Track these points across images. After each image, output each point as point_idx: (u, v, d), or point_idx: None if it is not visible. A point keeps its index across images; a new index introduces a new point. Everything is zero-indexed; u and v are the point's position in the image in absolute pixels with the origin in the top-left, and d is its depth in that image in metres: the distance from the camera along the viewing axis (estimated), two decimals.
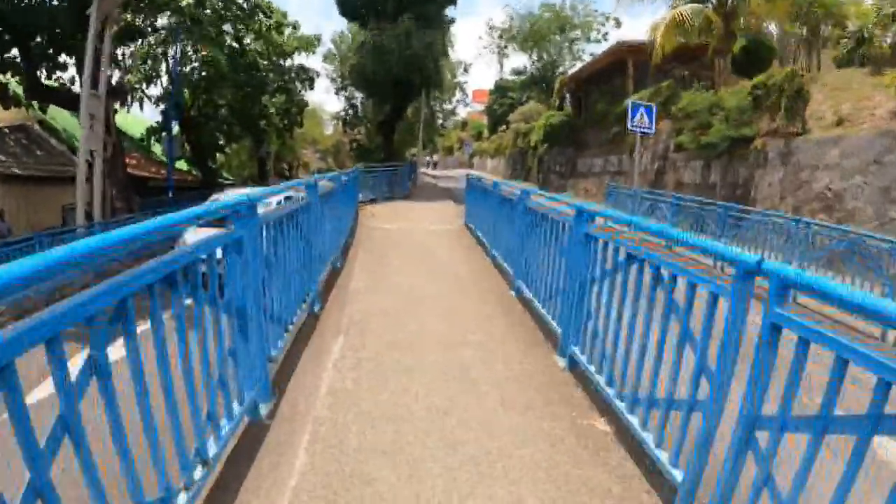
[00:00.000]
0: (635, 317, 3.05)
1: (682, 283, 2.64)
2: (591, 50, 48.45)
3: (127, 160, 24.78)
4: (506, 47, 51.82)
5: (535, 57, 49.96)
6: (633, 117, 15.48)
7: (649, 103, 16.26)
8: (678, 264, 2.65)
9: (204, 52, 23.15)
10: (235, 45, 27.07)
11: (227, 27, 26.57)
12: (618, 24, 47.13)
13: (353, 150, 39.26)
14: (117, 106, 20.82)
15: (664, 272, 2.75)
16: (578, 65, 41.32)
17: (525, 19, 48.64)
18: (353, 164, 42.18)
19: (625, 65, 22.89)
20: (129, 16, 18.91)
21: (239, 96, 28.32)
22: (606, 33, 47.62)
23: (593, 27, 47.48)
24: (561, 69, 49.79)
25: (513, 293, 6.29)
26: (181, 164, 31.57)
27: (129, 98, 24.49)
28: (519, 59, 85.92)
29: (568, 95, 27.93)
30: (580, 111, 26.94)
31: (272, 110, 32.49)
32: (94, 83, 14.72)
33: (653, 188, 18.72)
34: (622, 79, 23.38)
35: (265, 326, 3.31)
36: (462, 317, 5.37)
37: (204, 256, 2.45)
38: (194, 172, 31.97)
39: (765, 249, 9.44)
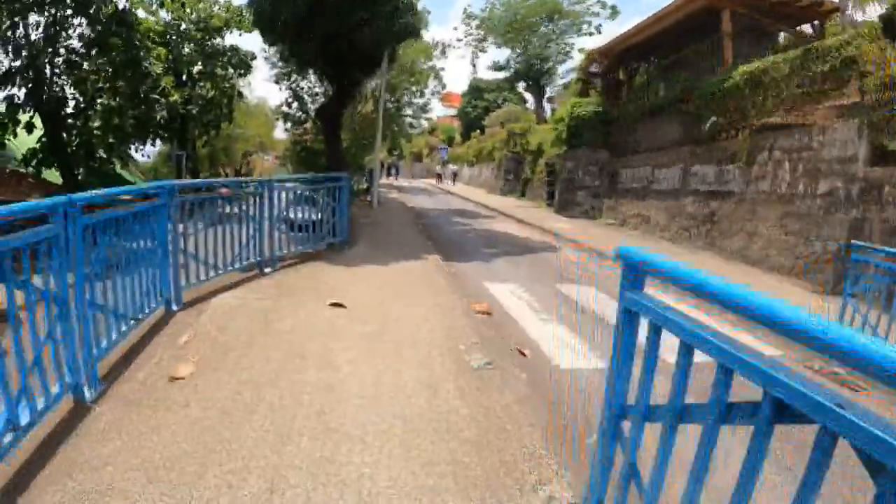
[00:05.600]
0: None
1: None
2: (582, 44, 39.97)
3: None
4: (484, 40, 42.01)
5: (518, 50, 40.48)
6: None
7: None
8: None
9: None
10: None
11: None
12: (614, 13, 38.11)
13: (298, 154, 28.79)
14: None
15: None
16: (594, 42, 30.80)
17: (508, 5, 39.10)
18: (304, 171, 31.66)
19: (713, 20, 13.26)
20: None
21: (107, 71, 17.70)
22: (600, 25, 38.65)
23: (586, 17, 38.40)
24: (549, 65, 40.67)
25: None
26: (53, 175, 20.54)
27: None
28: (496, 56, 77.00)
29: (596, 79, 18.10)
30: (618, 98, 17.17)
31: (175, 97, 21.71)
32: None
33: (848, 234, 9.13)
34: (708, 43, 13.74)
35: None
36: None
37: None
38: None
39: None
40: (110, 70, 17.57)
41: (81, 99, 19.10)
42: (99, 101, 19.16)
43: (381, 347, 4.04)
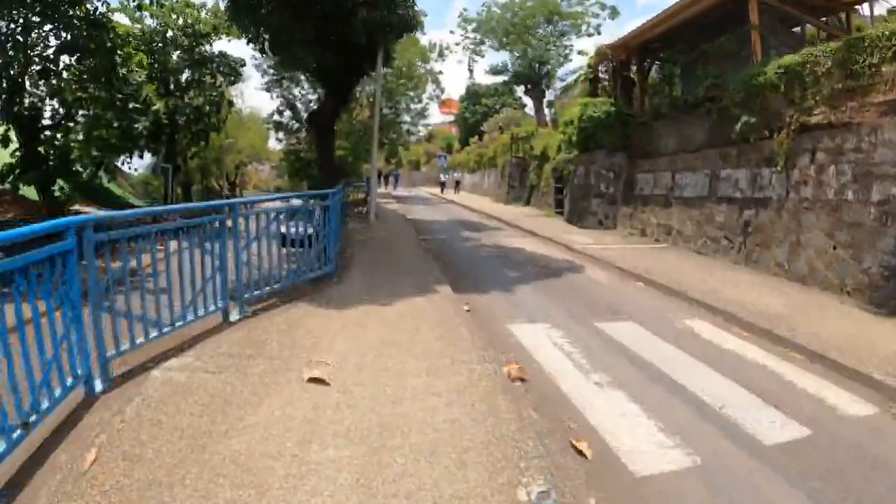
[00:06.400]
0: None
1: None
2: (581, 46, 38.84)
3: None
4: (481, 43, 40.80)
5: (517, 53, 39.27)
6: None
7: None
8: None
9: None
10: None
11: None
12: (614, 14, 37.00)
13: (292, 164, 27.59)
14: None
15: None
16: (602, 39, 27.91)
17: (506, 7, 37.96)
18: (298, 182, 30.37)
19: (737, 11, 12.13)
20: None
21: (83, 78, 16.62)
22: (599, 25, 37.48)
23: (585, 18, 37.28)
24: (549, 67, 39.53)
25: None
26: (32, 192, 19.27)
27: None
28: (493, 60, 75.96)
29: (606, 77, 16.85)
30: (631, 98, 15.98)
31: (158, 106, 20.57)
32: None
33: None
34: (733, 37, 12.62)
35: None
36: None
37: None
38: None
39: None
40: (85, 76, 16.36)
41: (61, 110, 17.90)
42: (81, 111, 18.01)
43: None
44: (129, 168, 30.16)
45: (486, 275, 9.11)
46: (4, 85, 15.82)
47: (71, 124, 17.96)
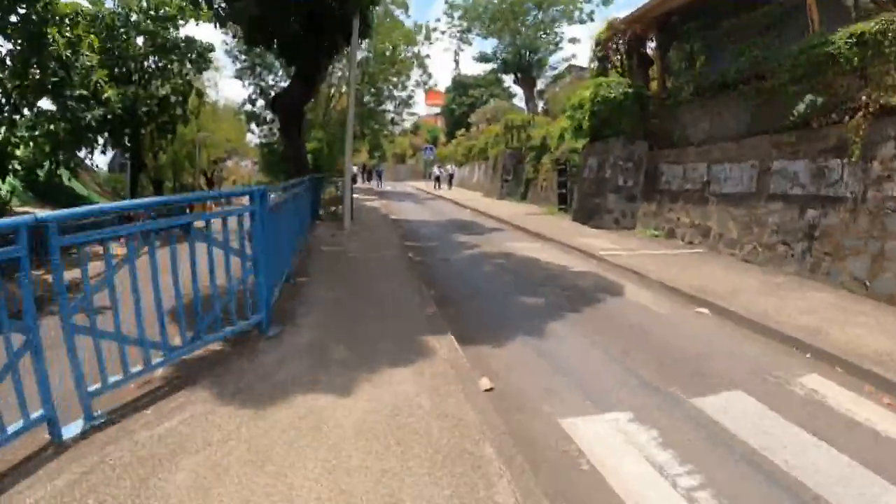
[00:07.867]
0: None
1: None
2: (572, 34, 36.83)
3: None
4: (468, 31, 38.43)
5: (506, 39, 37.04)
6: None
7: None
8: None
9: None
10: None
11: None
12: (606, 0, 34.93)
13: (265, 157, 25.19)
14: None
15: None
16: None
17: None
18: (273, 177, 27.86)
19: None
20: None
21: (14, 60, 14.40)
22: (592, 12, 35.33)
23: (578, 3, 35.09)
24: (539, 55, 37.42)
25: None
26: None
27: None
28: (481, 48, 73.73)
29: (618, 56, 14.69)
30: (648, 76, 13.92)
31: (110, 94, 18.12)
32: None
33: None
34: (778, 7, 10.60)
35: None
36: None
37: None
38: None
39: None
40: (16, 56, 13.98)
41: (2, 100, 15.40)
42: (24, 101, 15.54)
43: None
44: (92, 164, 27.67)
45: (497, 305, 6.85)
46: None
47: (16, 117, 15.51)
